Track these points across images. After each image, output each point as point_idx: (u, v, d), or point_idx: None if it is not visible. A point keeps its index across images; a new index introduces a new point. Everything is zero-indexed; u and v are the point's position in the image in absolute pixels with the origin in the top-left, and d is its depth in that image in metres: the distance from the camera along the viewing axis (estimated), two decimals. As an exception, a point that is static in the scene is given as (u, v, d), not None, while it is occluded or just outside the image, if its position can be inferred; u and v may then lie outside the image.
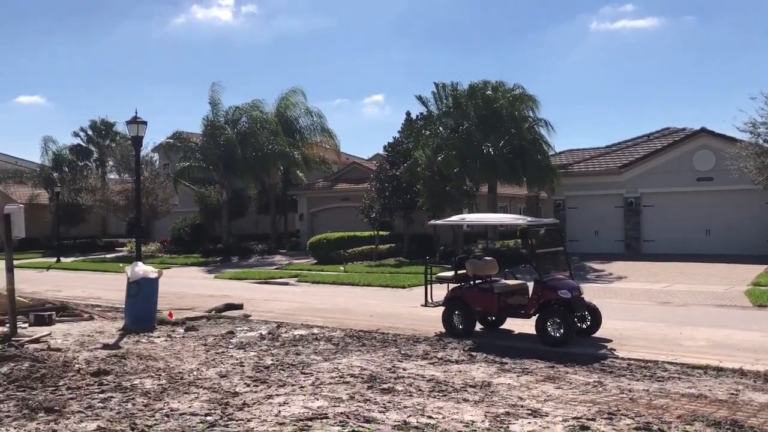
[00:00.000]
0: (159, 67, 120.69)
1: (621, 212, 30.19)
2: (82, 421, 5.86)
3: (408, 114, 32.32)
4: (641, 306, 14.69)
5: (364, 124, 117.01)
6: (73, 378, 7.59)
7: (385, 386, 7.31)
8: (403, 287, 19.32)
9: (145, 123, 14.80)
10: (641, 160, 30.17)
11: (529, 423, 5.96)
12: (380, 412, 6.23)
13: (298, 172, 40.00)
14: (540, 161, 27.06)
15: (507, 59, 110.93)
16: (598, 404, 6.61)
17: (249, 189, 40.71)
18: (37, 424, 5.76)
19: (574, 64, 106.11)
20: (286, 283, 21.85)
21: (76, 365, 8.30)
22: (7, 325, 11.16)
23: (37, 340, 10.38)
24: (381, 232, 29.95)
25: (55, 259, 33.89)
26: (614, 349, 9.66)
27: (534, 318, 10.41)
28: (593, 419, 6.05)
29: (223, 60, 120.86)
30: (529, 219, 12.22)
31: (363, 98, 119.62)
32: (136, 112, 14.66)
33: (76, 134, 49.36)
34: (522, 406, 6.51)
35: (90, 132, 49.15)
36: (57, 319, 12.74)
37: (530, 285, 10.91)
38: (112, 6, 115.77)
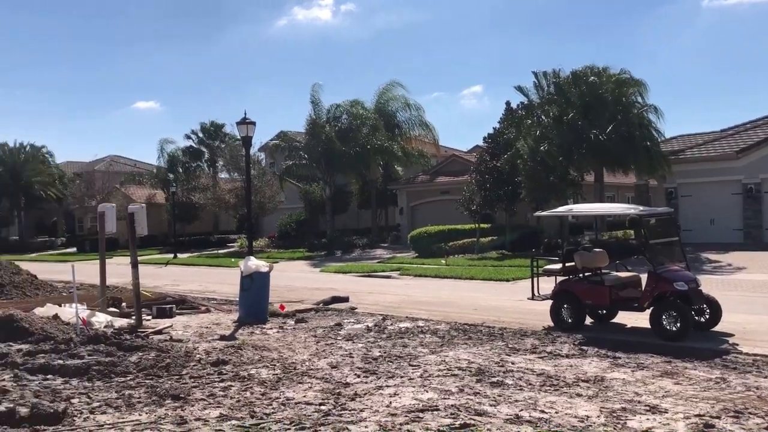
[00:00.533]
0: (264, 69, 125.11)
1: (739, 199, 28.33)
2: (205, 408, 6.18)
3: (508, 104, 31.81)
4: (765, 299, 13.77)
5: (462, 116, 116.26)
6: (194, 367, 8.02)
7: (494, 380, 7.26)
8: (507, 280, 19.05)
9: (254, 123, 15.36)
10: (762, 143, 28.16)
11: (648, 419, 5.74)
12: (491, 405, 6.19)
13: (397, 166, 40.31)
14: (649, 148, 25.89)
15: (606, 44, 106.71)
16: (722, 402, 6.26)
17: (351, 185, 41.48)
18: (166, 410, 6.13)
19: (682, 46, 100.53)
20: (389, 277, 22.09)
21: (197, 355, 8.76)
22: (134, 317, 11.95)
23: (160, 332, 11.05)
24: (482, 225, 29.65)
25: (172, 255, 35.87)
26: (737, 344, 9.12)
27: (648, 311, 9.99)
28: (718, 417, 5.74)
29: (324, 58, 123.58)
30: (641, 208, 11.72)
31: (461, 90, 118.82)
32: (245, 114, 15.27)
33: (188, 136, 52.00)
34: (639, 402, 6.28)
35: (201, 134, 51.58)
36: (177, 311, 13.49)
37: (643, 277, 10.48)
38: (219, 13, 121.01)
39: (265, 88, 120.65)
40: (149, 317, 12.67)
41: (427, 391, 6.76)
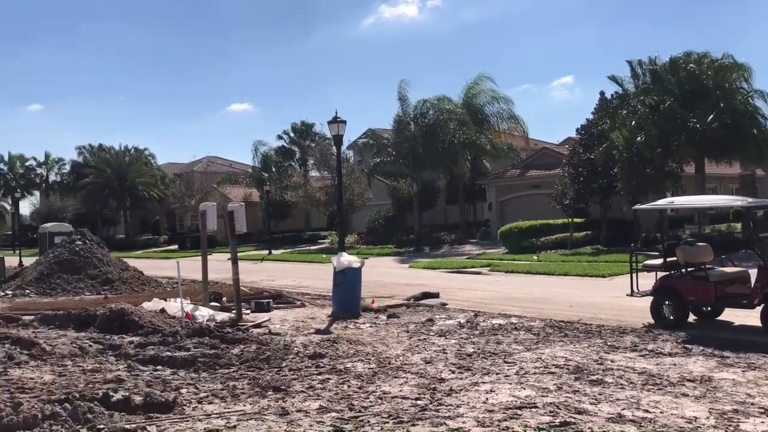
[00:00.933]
0: (351, 68, 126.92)
1: None
2: (305, 400, 6.36)
3: (602, 94, 30.78)
4: None
5: (553, 108, 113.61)
6: (293, 360, 8.26)
7: (593, 378, 7.07)
8: (603, 276, 18.51)
9: (345, 122, 15.64)
10: None
11: (763, 422, 5.44)
12: (591, 403, 6.04)
13: (485, 160, 39.86)
14: (756, 136, 24.44)
15: (705, 28, 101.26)
16: None
17: (438, 180, 41.38)
18: (268, 401, 6.35)
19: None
20: (479, 273, 21.91)
21: (295, 348, 9.01)
22: (234, 311, 12.43)
23: (259, 325, 11.44)
24: (575, 219, 28.90)
25: (266, 252, 36.99)
26: None
27: (758, 308, 9.45)
28: (842, 423, 5.37)
29: (411, 55, 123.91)
30: (749, 200, 11.09)
31: (551, 81, 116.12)
32: (336, 113, 15.57)
33: (279, 137, 53.52)
34: (752, 404, 5.96)
35: (292, 134, 52.97)
36: (274, 306, 13.91)
37: (752, 272, 9.91)
38: (308, 15, 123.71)
39: (352, 86, 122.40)
40: (248, 311, 13.13)
41: (524, 389, 6.68)
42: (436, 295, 15.13)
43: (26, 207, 76.31)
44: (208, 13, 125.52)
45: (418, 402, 6.21)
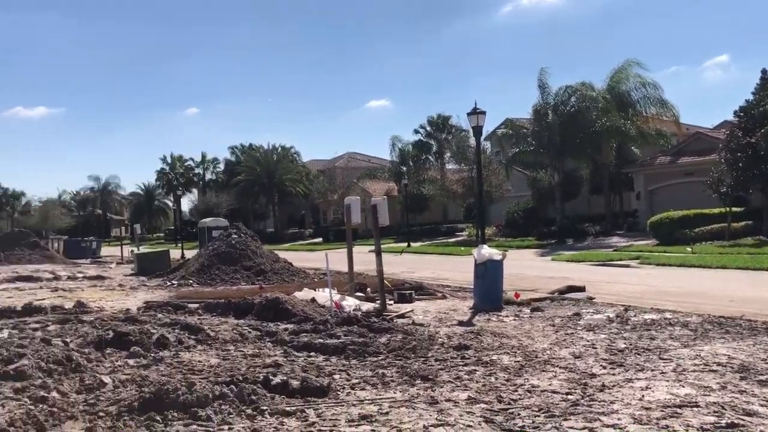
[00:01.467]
0: (488, 58, 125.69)
1: None
2: (453, 390, 6.43)
3: (764, 72, 28.31)
4: None
5: (706, 90, 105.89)
6: (438, 351, 8.36)
7: (762, 378, 6.56)
8: (767, 270, 17.05)
9: (484, 113, 15.56)
10: None
11: None
12: (761, 405, 5.61)
13: (632, 147, 37.95)
14: None
15: None
16: None
17: (580, 169, 39.95)
18: (417, 389, 6.50)
19: None
20: (627, 266, 20.97)
21: (439, 339, 9.12)
22: (378, 301, 12.78)
23: (402, 316, 11.68)
24: (734, 209, 26.81)
25: (405, 244, 37.60)
26: None
27: None
28: None
29: (550, 42, 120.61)
30: None
31: (703, 62, 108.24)
32: (475, 104, 15.55)
33: (416, 131, 54.10)
34: None
35: (428, 127, 53.36)
36: (415, 297, 14.15)
37: None
38: (443, 8, 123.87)
39: (488, 77, 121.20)
40: (391, 302, 13.44)
41: (683, 386, 6.34)
42: (581, 289, 14.66)
43: (186, 204, 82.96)
44: (346, 12, 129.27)
45: (569, 396, 6.09)
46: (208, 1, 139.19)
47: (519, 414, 5.56)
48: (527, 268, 20.97)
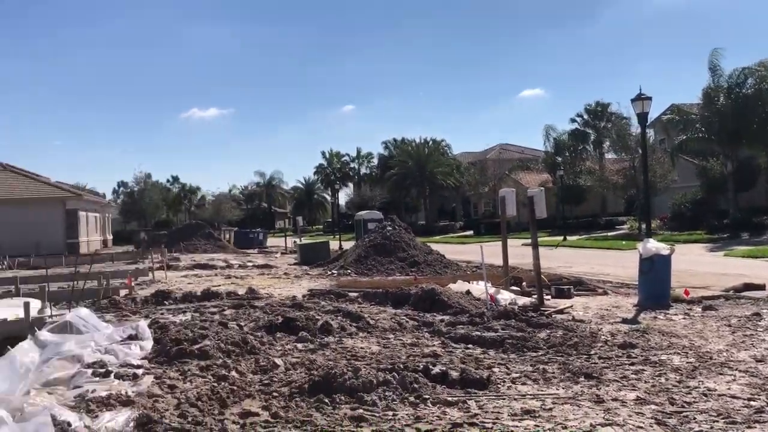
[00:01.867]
0: (649, 41, 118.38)
1: None
2: (620, 390, 6.18)
3: None
4: None
5: None
6: (601, 348, 8.05)
7: None
8: None
9: (650, 98, 14.68)
10: None
11: None
12: None
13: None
14: None
15: None
16: None
17: (758, 158, 36.49)
18: (581, 387, 6.31)
19: None
20: (816, 263, 18.91)
21: (602, 336, 8.78)
22: (534, 296, 12.53)
23: (561, 311, 11.37)
24: None
25: (561, 238, 36.48)
26: None
27: None
28: None
29: (721, 20, 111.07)
30: None
31: None
32: (640, 89, 14.73)
33: (572, 120, 52.18)
34: None
35: (586, 116, 51.27)
36: (574, 292, 13.70)
37: None
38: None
39: (650, 61, 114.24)
40: (548, 297, 13.11)
41: None
42: (761, 287, 13.43)
43: (342, 197, 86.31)
44: (498, 3, 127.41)
45: (752, 403, 5.63)
46: (366, 4, 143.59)
47: (695, 418, 5.24)
48: (697, 264, 19.57)
